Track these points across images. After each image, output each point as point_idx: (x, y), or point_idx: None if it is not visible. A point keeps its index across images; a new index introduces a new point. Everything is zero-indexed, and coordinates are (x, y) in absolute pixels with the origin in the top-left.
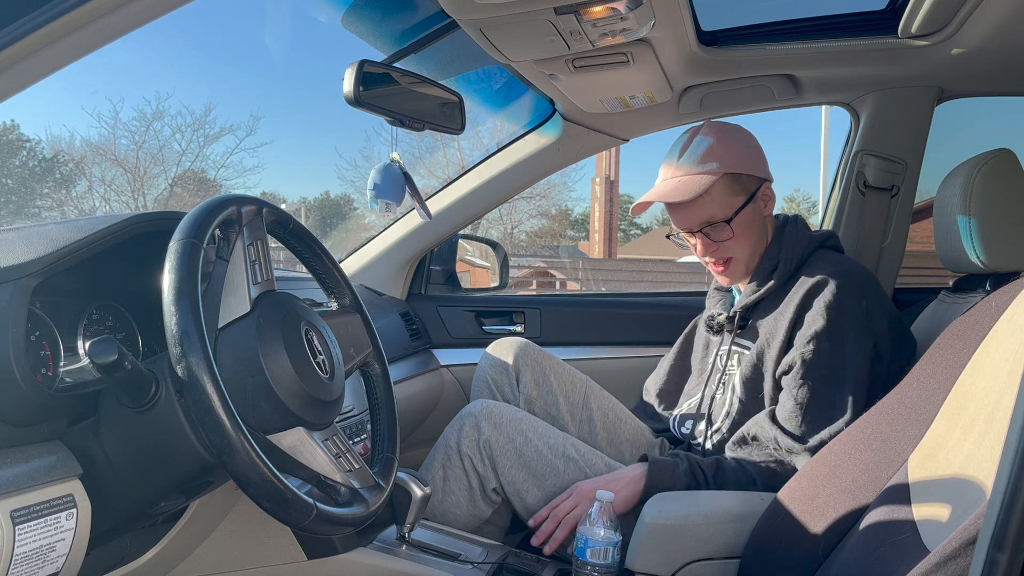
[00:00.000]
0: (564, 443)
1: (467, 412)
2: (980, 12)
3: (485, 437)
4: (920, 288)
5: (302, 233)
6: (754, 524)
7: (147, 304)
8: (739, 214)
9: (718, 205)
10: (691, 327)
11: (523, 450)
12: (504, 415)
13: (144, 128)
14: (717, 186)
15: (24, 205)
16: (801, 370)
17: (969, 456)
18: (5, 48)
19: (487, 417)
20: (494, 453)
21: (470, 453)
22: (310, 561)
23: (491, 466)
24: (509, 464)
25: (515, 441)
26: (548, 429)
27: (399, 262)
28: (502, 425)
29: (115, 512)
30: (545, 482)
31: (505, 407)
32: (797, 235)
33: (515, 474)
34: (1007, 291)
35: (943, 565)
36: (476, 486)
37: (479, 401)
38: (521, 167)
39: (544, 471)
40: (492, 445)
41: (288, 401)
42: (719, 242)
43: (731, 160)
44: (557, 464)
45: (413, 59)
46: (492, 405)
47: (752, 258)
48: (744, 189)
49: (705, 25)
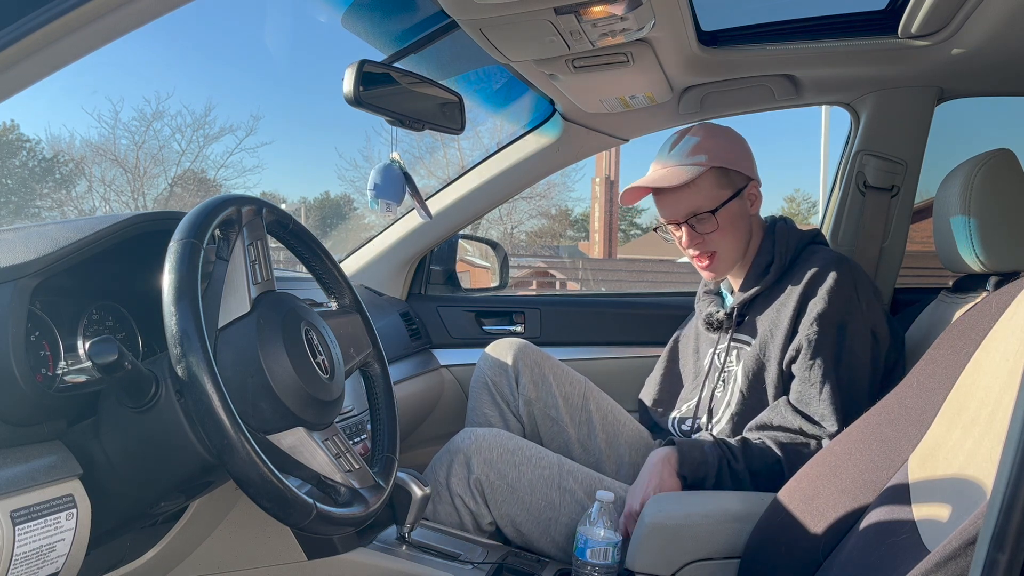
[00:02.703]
0: (560, 472)
1: (455, 448)
2: (980, 12)
3: (476, 476)
4: (920, 288)
5: (302, 233)
6: (754, 524)
7: (147, 304)
8: (725, 207)
9: (704, 196)
10: (675, 338)
11: (516, 486)
12: (495, 448)
13: (144, 128)
14: (705, 177)
15: (24, 205)
16: (809, 352)
17: (969, 456)
18: (5, 48)
19: (476, 452)
20: (486, 491)
21: (460, 493)
22: (310, 561)
23: (484, 503)
24: (501, 499)
25: (507, 477)
26: (542, 457)
27: (399, 262)
28: (493, 461)
29: (115, 512)
30: (540, 516)
31: (495, 436)
32: (788, 232)
33: (509, 509)
34: (1007, 291)
35: (943, 565)
36: (469, 521)
37: (467, 432)
38: (521, 167)
39: (539, 506)
40: (483, 484)
41: (288, 401)
42: (704, 234)
43: (720, 155)
44: (553, 497)
45: (413, 59)
46: (482, 437)
47: (736, 254)
48: (731, 184)
49: (705, 25)
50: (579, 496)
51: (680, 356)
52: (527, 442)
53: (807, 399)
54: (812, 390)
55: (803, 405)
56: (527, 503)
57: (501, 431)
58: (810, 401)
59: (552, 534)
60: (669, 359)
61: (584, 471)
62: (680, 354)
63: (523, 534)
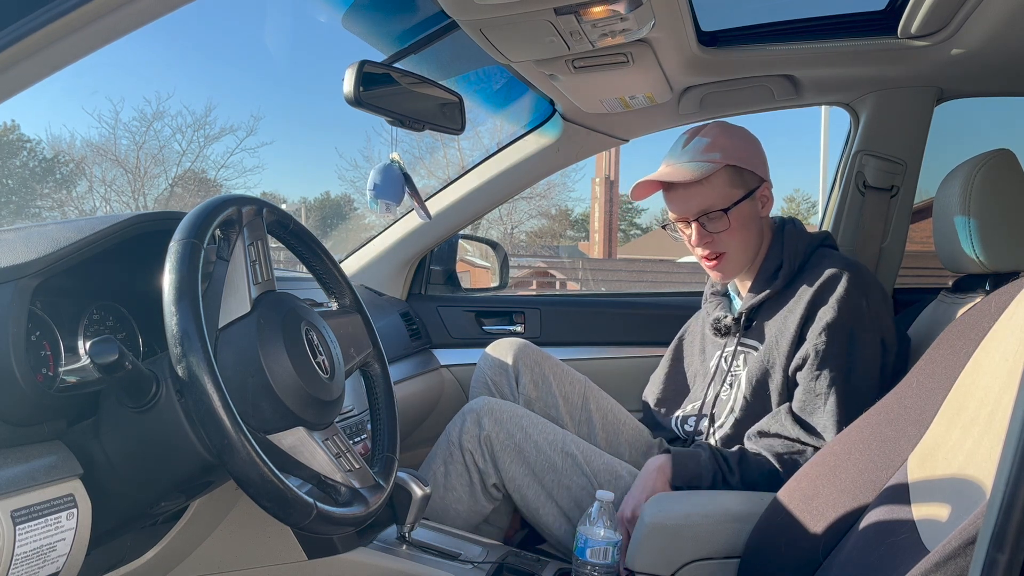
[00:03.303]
0: (564, 440)
1: (469, 408)
2: (980, 12)
3: (486, 433)
4: (920, 288)
5: (302, 233)
6: (754, 524)
7: (147, 304)
8: (736, 206)
9: (717, 194)
10: (679, 337)
11: (523, 445)
12: (505, 411)
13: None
14: (718, 175)
15: (24, 205)
16: (816, 362)
17: (969, 456)
18: (5, 48)
19: (488, 413)
20: (494, 448)
21: (471, 448)
22: (310, 561)
23: (491, 461)
24: (509, 459)
25: (515, 437)
26: (548, 425)
27: (399, 262)
28: (503, 421)
29: (115, 512)
30: (544, 478)
31: (506, 404)
32: (797, 235)
33: (514, 469)
34: (1007, 291)
35: (943, 565)
36: (477, 481)
37: (481, 398)
38: (521, 167)
39: (543, 467)
40: (492, 440)
41: (288, 401)
42: (714, 233)
43: (734, 153)
44: (556, 460)
45: (413, 59)
46: (493, 401)
47: (745, 256)
48: (744, 184)
49: (705, 25)
50: (579, 461)
51: (685, 355)
52: (536, 415)
53: (810, 409)
54: (817, 400)
55: (806, 414)
56: (531, 463)
57: (512, 403)
58: (813, 411)
59: (555, 498)
60: (673, 358)
61: (586, 443)
62: (685, 353)
63: (526, 498)
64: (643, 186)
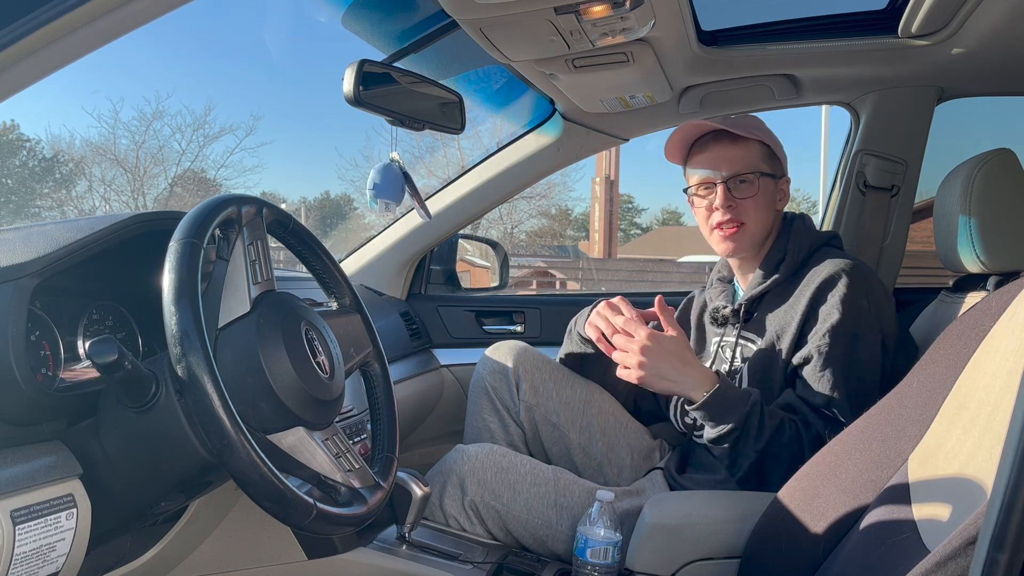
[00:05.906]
0: (556, 489)
1: (448, 469)
2: (980, 12)
3: (470, 498)
4: (920, 288)
5: (302, 233)
6: (754, 524)
7: (147, 304)
8: (764, 178)
9: (752, 159)
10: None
11: (511, 506)
12: (488, 468)
13: (144, 128)
14: (756, 145)
15: (24, 205)
16: (819, 363)
17: (969, 456)
18: (5, 48)
19: (471, 474)
20: (482, 512)
21: (455, 515)
22: (310, 561)
23: (480, 523)
24: (498, 521)
25: (502, 498)
26: (537, 474)
27: (399, 262)
28: (487, 482)
29: (115, 512)
30: (538, 534)
31: (488, 455)
32: (804, 231)
33: (506, 528)
34: (1007, 291)
35: (943, 565)
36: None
37: (459, 452)
38: (521, 167)
39: (536, 524)
40: (479, 505)
41: (288, 401)
42: (740, 199)
43: (770, 138)
44: (550, 516)
45: (413, 59)
46: (474, 456)
47: (759, 234)
48: (773, 167)
49: (705, 25)
50: (576, 513)
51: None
52: (521, 457)
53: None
54: (821, 400)
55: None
56: (523, 522)
57: (494, 447)
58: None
59: (551, 547)
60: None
61: (581, 484)
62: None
63: (522, 544)
64: (679, 137)
